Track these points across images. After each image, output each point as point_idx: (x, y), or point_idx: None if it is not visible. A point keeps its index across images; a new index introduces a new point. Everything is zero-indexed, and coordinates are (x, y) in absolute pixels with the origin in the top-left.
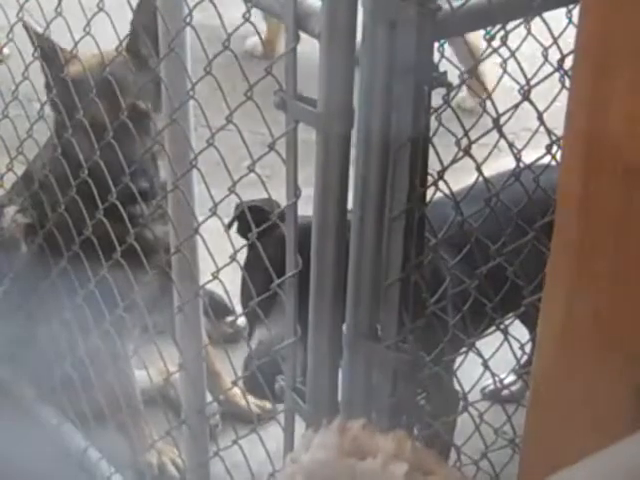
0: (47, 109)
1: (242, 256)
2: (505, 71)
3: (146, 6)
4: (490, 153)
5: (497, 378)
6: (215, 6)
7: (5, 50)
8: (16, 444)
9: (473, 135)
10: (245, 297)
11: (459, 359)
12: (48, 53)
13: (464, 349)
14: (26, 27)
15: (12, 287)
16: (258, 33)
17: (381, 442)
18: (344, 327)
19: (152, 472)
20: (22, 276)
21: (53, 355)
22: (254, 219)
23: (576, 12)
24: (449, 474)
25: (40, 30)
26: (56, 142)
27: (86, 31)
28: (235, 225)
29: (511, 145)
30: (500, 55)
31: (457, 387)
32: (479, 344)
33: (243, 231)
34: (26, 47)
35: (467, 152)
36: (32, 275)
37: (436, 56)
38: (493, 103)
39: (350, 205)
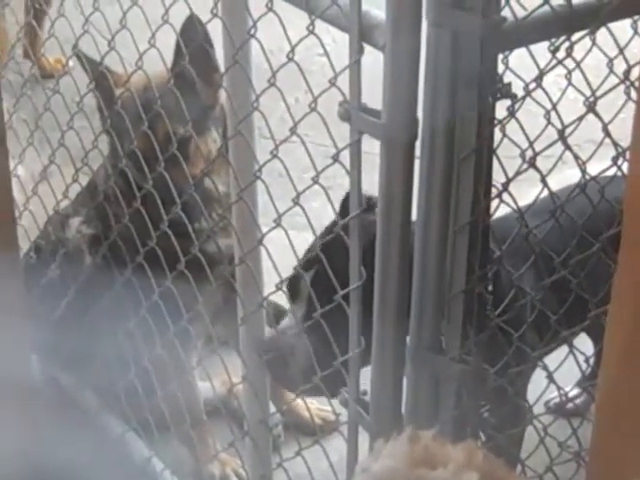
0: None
1: None
2: (570, 82)
3: (191, 27)
4: (555, 165)
5: (562, 391)
6: (279, 18)
7: (70, 62)
8: (80, 452)
9: (537, 147)
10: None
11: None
12: (99, 78)
13: (530, 362)
14: (79, 56)
15: (76, 298)
16: (322, 45)
17: (452, 452)
18: (408, 339)
19: None
20: (86, 287)
21: (117, 365)
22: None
23: None
24: None
25: (94, 56)
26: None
27: (151, 44)
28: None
29: (576, 157)
30: (565, 66)
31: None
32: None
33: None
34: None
35: (532, 164)
36: (96, 286)
37: (500, 67)
38: (558, 114)
39: (414, 216)
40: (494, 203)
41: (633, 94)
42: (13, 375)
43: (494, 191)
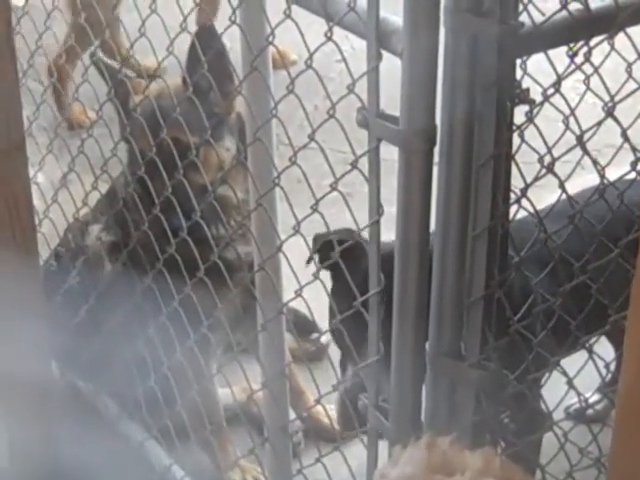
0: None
1: (325, 274)
2: (588, 87)
3: (204, 37)
4: (573, 170)
5: (582, 397)
6: (297, 25)
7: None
8: (100, 460)
9: (556, 152)
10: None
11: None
12: (117, 85)
13: (548, 368)
14: (96, 63)
15: (96, 305)
16: (341, 52)
17: (469, 458)
18: (427, 345)
19: None
20: (106, 294)
21: (137, 372)
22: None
23: None
24: None
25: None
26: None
27: (169, 51)
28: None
29: (595, 162)
30: (583, 71)
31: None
32: (563, 362)
33: (324, 262)
34: None
35: (550, 169)
36: (116, 293)
37: (518, 72)
38: (577, 120)
39: (433, 223)
40: (513, 209)
41: None
42: (33, 381)
43: (513, 197)
